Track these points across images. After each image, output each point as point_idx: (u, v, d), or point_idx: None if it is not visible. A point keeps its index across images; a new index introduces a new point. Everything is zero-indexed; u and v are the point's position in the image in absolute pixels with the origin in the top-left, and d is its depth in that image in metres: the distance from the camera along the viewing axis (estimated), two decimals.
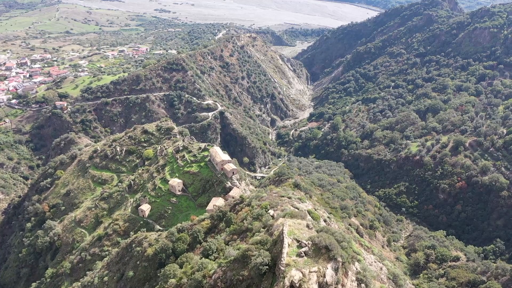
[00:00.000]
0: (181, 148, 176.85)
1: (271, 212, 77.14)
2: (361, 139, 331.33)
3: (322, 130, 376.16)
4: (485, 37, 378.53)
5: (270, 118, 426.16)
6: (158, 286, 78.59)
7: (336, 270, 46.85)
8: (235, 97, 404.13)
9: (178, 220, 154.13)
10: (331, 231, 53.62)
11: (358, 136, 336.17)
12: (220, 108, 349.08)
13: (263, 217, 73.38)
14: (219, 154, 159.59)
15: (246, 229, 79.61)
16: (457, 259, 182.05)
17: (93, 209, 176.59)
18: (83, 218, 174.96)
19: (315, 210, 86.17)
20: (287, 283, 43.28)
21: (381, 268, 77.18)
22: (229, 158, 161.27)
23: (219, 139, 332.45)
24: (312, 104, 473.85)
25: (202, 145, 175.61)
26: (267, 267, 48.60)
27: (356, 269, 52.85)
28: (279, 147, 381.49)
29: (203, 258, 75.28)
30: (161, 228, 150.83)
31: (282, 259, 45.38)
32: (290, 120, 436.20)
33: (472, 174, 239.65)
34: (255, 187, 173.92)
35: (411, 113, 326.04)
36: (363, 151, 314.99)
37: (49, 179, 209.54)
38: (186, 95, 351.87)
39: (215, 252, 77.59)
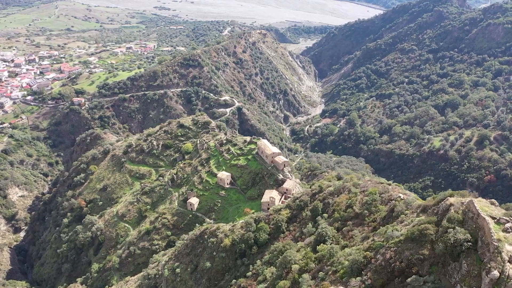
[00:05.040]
0: (224, 141, 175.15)
1: (401, 196, 76.87)
2: (379, 134, 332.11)
3: (338, 126, 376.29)
4: (499, 33, 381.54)
5: (283, 115, 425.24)
6: (272, 276, 76.85)
7: None
8: (250, 93, 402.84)
9: (228, 213, 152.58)
10: None
11: (376, 132, 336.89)
12: (237, 104, 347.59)
13: (399, 201, 73.04)
14: (268, 146, 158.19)
15: (356, 214, 79.08)
16: None
17: (135, 203, 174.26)
18: (126, 212, 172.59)
19: None
20: (505, 257, 42.89)
21: None
22: (279, 151, 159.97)
23: None
24: (323, 100, 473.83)
25: (247, 138, 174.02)
26: (470, 243, 48.16)
27: None
28: (294, 143, 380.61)
29: (322, 244, 74.52)
30: (211, 221, 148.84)
31: (491, 234, 44.92)
32: (302, 117, 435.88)
33: (500, 167, 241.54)
34: (300, 180, 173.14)
35: (430, 108, 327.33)
36: (383, 146, 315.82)
37: (82, 175, 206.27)
38: (203, 91, 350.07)
39: (330, 238, 76.84)
